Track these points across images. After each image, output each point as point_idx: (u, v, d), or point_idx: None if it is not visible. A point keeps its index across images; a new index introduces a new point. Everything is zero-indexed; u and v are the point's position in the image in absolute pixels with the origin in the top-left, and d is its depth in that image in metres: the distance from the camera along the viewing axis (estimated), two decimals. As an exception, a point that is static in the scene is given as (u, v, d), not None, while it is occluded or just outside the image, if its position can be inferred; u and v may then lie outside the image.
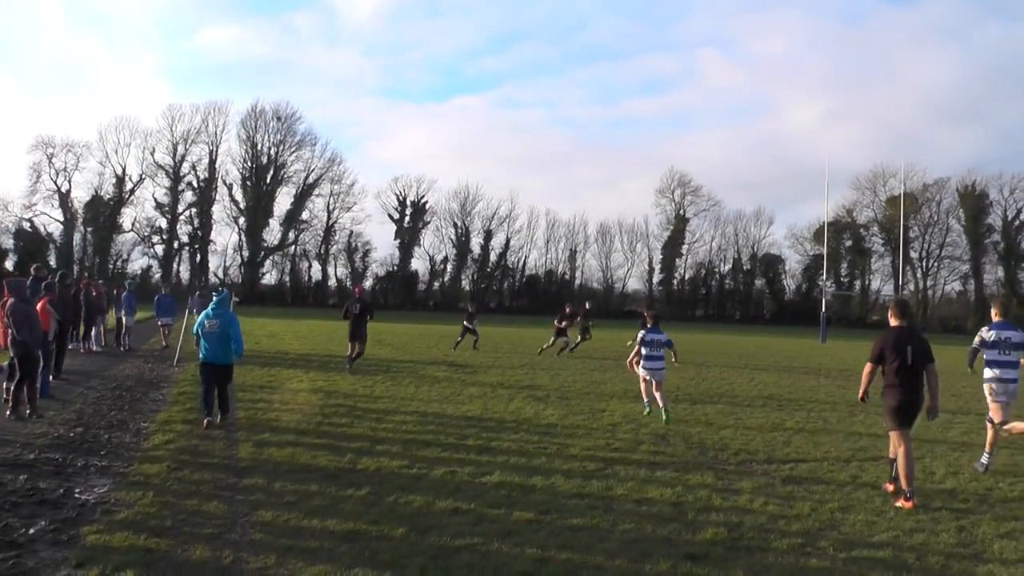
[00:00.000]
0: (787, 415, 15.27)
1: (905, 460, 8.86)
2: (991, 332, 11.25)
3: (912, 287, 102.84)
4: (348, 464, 9.37)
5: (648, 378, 14.60)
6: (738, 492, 8.86)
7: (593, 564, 6.27)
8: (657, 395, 14.34)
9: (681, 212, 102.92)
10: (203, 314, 12.42)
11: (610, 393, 17.16)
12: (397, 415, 13.25)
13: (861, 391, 9.64)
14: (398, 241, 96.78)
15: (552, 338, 28.93)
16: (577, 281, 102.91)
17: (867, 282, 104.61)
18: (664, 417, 13.84)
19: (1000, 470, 10.84)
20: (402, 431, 11.79)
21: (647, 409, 14.56)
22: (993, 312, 12.02)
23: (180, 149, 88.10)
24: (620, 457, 10.53)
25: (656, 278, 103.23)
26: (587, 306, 33.00)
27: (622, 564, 6.29)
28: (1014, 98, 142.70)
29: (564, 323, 28.55)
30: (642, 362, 14.66)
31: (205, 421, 11.58)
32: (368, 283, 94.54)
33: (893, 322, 9.59)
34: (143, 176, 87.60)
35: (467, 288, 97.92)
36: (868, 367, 9.45)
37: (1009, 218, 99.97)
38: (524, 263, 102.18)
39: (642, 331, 15.01)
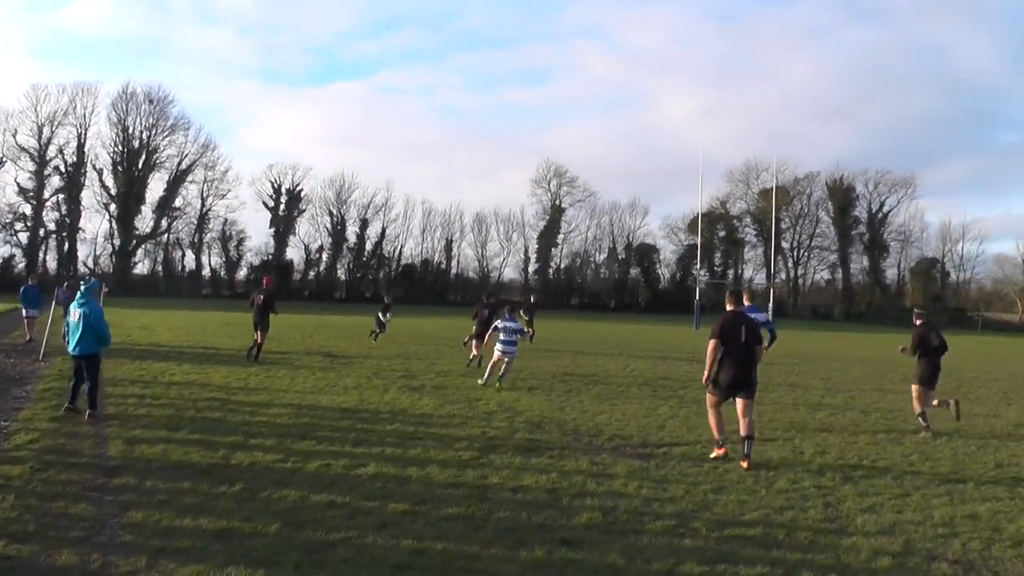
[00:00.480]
0: (661, 400, 15.67)
1: (715, 419, 10.65)
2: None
3: (784, 276, 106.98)
4: (221, 460, 9.19)
5: (501, 357, 16.82)
6: (613, 477, 9.06)
7: (468, 553, 6.33)
8: (501, 368, 16.80)
9: (557, 202, 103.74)
10: (72, 304, 12.19)
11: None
12: (272, 408, 13.04)
13: (706, 373, 10.57)
14: (273, 230, 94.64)
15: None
16: (453, 271, 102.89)
17: (740, 271, 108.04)
18: (497, 385, 16.39)
19: (864, 450, 11.46)
20: (277, 424, 11.62)
21: (482, 381, 16.87)
22: (745, 298, 14.06)
23: (46, 131, 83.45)
24: (496, 445, 10.64)
25: (532, 267, 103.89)
26: (532, 299, 32.57)
27: (497, 552, 6.37)
28: (877, 98, 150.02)
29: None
30: (498, 344, 16.89)
31: (64, 407, 11.65)
32: (243, 272, 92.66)
33: (729, 307, 10.99)
34: (4, 159, 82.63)
35: (343, 277, 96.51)
36: (712, 343, 10.42)
37: (873, 211, 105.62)
38: (400, 252, 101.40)
39: (498, 320, 17.35)
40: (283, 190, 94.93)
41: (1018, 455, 11.75)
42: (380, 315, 28.65)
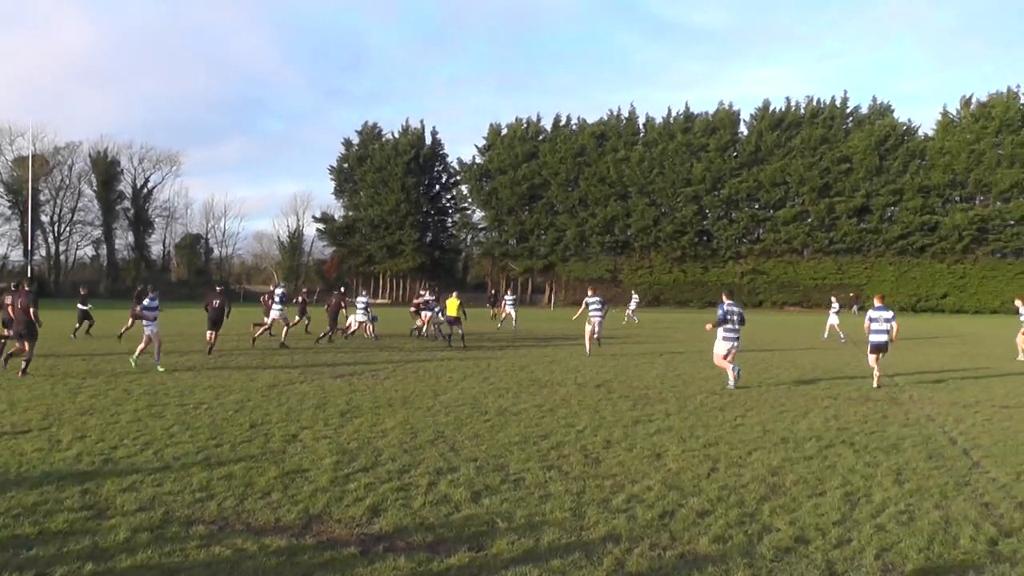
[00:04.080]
0: None
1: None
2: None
3: (44, 252, 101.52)
4: None
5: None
6: None
7: None
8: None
9: None
10: None
11: None
12: None
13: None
14: None
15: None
16: None
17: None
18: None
19: (125, 428, 11.57)
20: None
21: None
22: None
23: None
24: None
25: None
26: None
27: None
28: (151, 74, 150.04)
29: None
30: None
31: None
32: None
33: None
34: None
35: None
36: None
37: (138, 186, 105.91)
38: None
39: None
40: None
41: (270, 413, 12.98)
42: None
